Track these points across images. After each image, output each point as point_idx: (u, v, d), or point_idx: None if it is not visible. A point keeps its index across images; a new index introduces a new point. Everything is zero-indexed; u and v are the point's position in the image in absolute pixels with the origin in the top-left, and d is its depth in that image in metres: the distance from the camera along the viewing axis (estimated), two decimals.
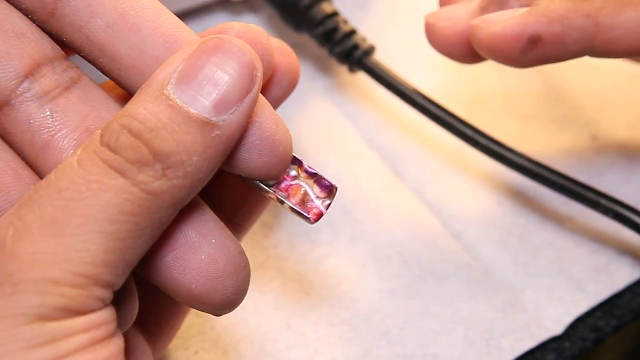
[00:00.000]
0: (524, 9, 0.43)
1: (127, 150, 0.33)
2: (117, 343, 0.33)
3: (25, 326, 0.31)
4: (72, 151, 0.35)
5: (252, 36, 0.37)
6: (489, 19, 0.44)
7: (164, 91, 0.33)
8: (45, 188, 0.32)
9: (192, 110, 0.33)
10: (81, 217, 0.32)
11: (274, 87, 0.39)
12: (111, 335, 0.33)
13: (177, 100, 0.33)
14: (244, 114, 0.34)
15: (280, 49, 0.39)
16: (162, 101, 0.33)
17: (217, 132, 0.33)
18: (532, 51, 0.43)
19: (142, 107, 0.33)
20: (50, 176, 0.33)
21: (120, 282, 0.33)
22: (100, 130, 0.33)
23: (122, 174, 0.32)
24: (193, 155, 0.33)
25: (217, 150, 0.33)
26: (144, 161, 0.33)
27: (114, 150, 0.33)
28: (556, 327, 0.49)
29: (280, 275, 0.49)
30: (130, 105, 0.34)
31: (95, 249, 0.32)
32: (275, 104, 0.39)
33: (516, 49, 0.43)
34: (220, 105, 0.33)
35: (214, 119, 0.33)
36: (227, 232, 0.36)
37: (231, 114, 0.33)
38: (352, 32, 0.52)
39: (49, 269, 0.31)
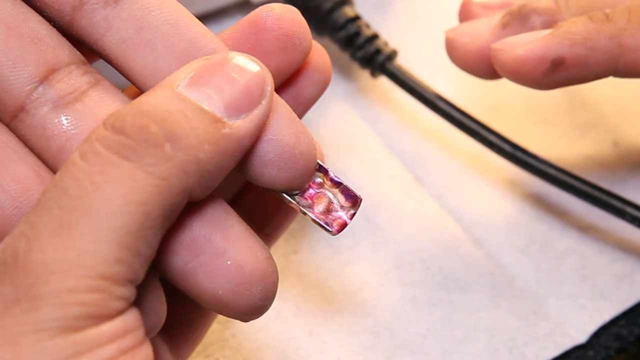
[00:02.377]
0: (546, 31, 0.43)
1: (134, 129, 0.32)
2: (146, 352, 0.33)
3: (49, 341, 0.31)
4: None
5: (291, 16, 0.36)
6: (511, 42, 0.44)
7: (175, 90, 0.33)
8: (51, 190, 0.32)
9: (204, 106, 0.33)
10: (87, 215, 0.31)
11: (308, 84, 0.39)
12: (139, 345, 0.32)
13: (189, 97, 0.33)
14: (254, 123, 0.33)
15: (313, 47, 0.38)
16: (174, 96, 0.33)
17: (228, 130, 0.33)
18: (555, 74, 0.43)
19: (152, 97, 0.33)
20: (56, 176, 0.32)
21: (139, 276, 0.32)
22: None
23: (127, 157, 0.31)
24: (205, 142, 0.32)
25: (227, 148, 0.33)
26: (152, 141, 0.32)
27: (119, 131, 0.32)
28: (580, 335, 0.48)
29: (301, 282, 0.49)
30: (138, 97, 0.33)
31: (107, 247, 0.31)
32: (310, 103, 0.39)
33: (539, 72, 0.43)
34: (231, 108, 0.33)
35: (225, 118, 0.33)
36: (254, 237, 0.35)
37: (241, 119, 0.33)
38: (375, 37, 0.52)
39: (64, 278, 0.31)
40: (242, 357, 0.46)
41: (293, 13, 0.36)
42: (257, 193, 0.40)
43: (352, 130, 0.54)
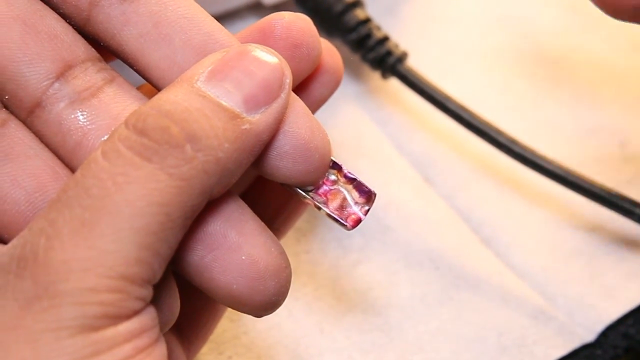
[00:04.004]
0: None
1: (156, 131, 0.32)
2: (161, 350, 0.33)
3: (68, 339, 0.31)
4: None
5: (301, 24, 0.36)
6: None
7: (194, 85, 0.33)
8: (73, 188, 0.32)
9: (223, 102, 0.33)
10: (109, 215, 0.31)
11: (319, 85, 0.39)
12: (154, 342, 0.33)
13: (208, 92, 0.33)
14: (272, 117, 0.34)
15: (325, 48, 0.38)
16: (193, 92, 0.33)
17: (247, 126, 0.33)
18: None
19: (172, 94, 0.33)
20: (77, 174, 0.32)
21: (157, 276, 0.32)
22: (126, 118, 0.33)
23: (149, 159, 0.32)
24: (224, 141, 0.32)
25: (246, 144, 0.33)
26: (174, 142, 0.32)
27: (141, 132, 0.32)
28: (588, 334, 0.49)
29: (313, 280, 0.49)
30: (158, 94, 0.33)
31: (127, 248, 0.31)
32: (320, 103, 0.39)
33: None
34: (250, 102, 0.33)
35: (244, 114, 0.33)
36: (267, 233, 0.35)
37: (260, 113, 0.33)
38: (385, 39, 0.52)
39: (84, 277, 0.31)
40: (254, 355, 0.47)
41: (303, 22, 0.36)
42: (266, 188, 0.40)
43: (362, 131, 0.54)
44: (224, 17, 0.56)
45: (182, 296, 0.36)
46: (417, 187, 0.53)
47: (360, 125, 0.54)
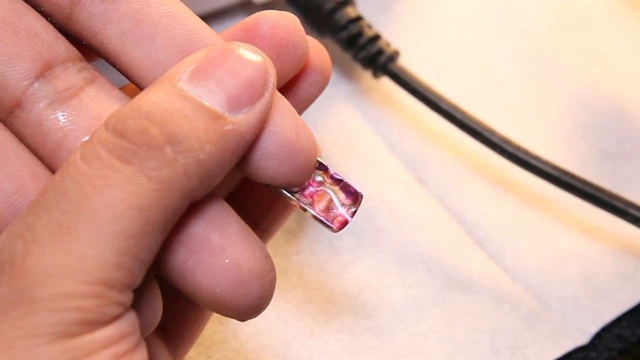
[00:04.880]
0: None
1: (135, 133, 0.31)
2: (141, 356, 0.32)
3: (45, 346, 0.30)
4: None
5: (287, 23, 0.36)
6: None
7: (176, 85, 0.33)
8: (51, 191, 0.31)
9: (205, 102, 0.32)
10: (87, 220, 0.31)
11: (306, 84, 0.38)
12: (134, 348, 0.32)
13: (190, 92, 0.33)
14: (256, 116, 0.33)
15: (313, 47, 0.38)
16: (175, 92, 0.32)
17: (230, 126, 0.33)
18: None
19: (153, 94, 0.32)
20: (56, 177, 0.32)
21: (137, 280, 0.32)
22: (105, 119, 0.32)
23: (128, 162, 0.31)
24: (206, 143, 0.32)
25: (229, 145, 0.33)
26: (153, 144, 0.31)
27: (121, 134, 0.31)
28: (582, 336, 0.48)
29: (303, 282, 0.49)
30: (139, 95, 0.33)
31: (106, 252, 0.31)
32: (308, 103, 0.39)
33: None
34: (233, 102, 0.33)
35: (227, 114, 0.33)
36: (252, 236, 0.35)
37: (244, 113, 0.33)
38: (377, 37, 0.52)
39: (62, 283, 0.30)
40: (243, 358, 0.46)
41: (289, 20, 0.36)
42: (252, 189, 0.40)
43: (354, 131, 0.54)
44: (214, 16, 0.56)
45: (167, 299, 0.36)
46: (409, 187, 0.52)
47: (352, 125, 0.54)
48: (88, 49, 0.36)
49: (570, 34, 0.58)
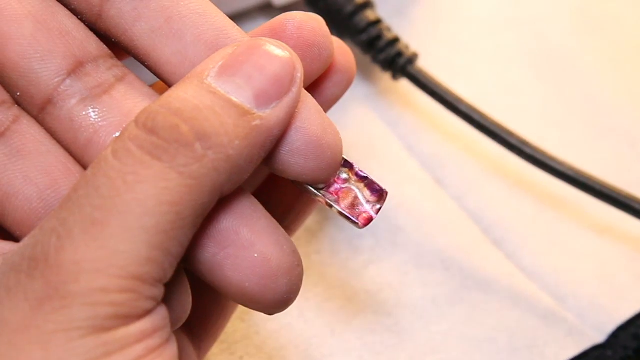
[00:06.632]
0: None
1: (165, 130, 0.32)
2: (172, 350, 0.33)
3: (79, 340, 0.31)
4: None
5: (313, 25, 0.36)
6: None
7: (205, 81, 0.33)
8: (83, 187, 0.32)
9: (233, 98, 0.33)
10: (120, 215, 0.31)
11: (331, 85, 0.39)
12: (165, 342, 0.32)
13: (218, 88, 0.33)
14: (284, 112, 0.33)
15: (338, 47, 0.38)
16: (204, 88, 0.33)
17: (258, 122, 0.33)
18: None
19: (182, 91, 0.33)
20: (88, 172, 0.32)
21: (168, 275, 0.32)
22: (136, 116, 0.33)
23: (159, 158, 0.31)
24: (235, 138, 0.32)
25: (257, 140, 0.33)
26: (183, 141, 0.32)
27: (151, 131, 0.32)
28: (598, 335, 0.49)
29: (323, 281, 0.49)
30: (168, 91, 0.33)
31: (138, 247, 0.31)
32: (332, 102, 0.39)
33: None
34: (261, 98, 0.33)
35: (255, 109, 0.33)
36: (280, 231, 0.35)
37: (271, 108, 0.33)
38: (396, 40, 0.52)
39: (95, 278, 0.31)
40: (265, 355, 0.47)
41: (315, 22, 0.36)
42: (276, 185, 0.40)
43: (372, 132, 0.54)
44: (234, 18, 0.56)
45: (192, 294, 0.36)
46: (427, 188, 0.53)
47: (370, 127, 0.54)
48: (117, 47, 0.36)
49: (586, 37, 0.58)
